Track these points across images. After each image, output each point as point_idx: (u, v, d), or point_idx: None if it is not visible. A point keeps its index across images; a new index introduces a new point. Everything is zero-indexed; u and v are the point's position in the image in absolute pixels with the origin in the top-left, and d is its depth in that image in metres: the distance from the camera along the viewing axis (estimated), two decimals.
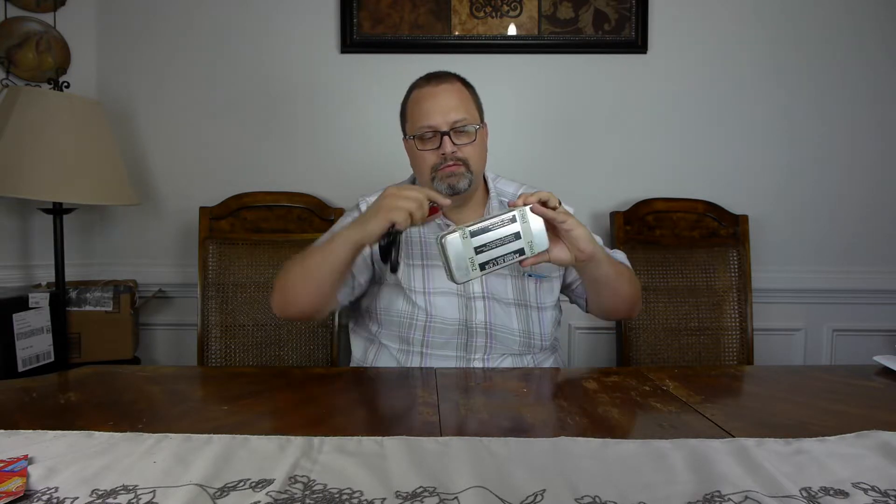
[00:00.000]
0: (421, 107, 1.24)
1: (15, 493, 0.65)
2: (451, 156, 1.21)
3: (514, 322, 1.29)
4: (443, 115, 1.22)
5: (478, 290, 1.28)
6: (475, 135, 1.24)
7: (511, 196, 1.35)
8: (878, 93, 2.03)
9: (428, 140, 1.24)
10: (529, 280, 1.31)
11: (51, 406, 0.94)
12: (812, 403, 0.99)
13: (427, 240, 1.31)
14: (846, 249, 2.07)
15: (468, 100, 1.27)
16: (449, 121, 1.22)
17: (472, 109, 1.26)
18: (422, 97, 1.25)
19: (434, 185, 1.24)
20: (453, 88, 1.25)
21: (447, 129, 1.22)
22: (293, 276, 1.20)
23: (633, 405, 0.97)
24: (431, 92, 1.24)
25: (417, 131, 1.24)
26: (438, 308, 1.27)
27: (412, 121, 1.27)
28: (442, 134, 1.22)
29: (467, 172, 1.23)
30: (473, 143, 1.24)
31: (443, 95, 1.23)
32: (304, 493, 0.66)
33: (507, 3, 2.00)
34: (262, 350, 1.85)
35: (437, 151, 1.22)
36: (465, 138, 1.23)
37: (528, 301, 1.31)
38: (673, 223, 1.97)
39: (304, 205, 1.95)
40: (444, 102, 1.23)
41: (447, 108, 1.22)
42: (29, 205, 1.92)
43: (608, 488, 0.67)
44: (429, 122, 1.22)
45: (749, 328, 1.89)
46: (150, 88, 2.03)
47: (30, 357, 1.74)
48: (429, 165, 1.24)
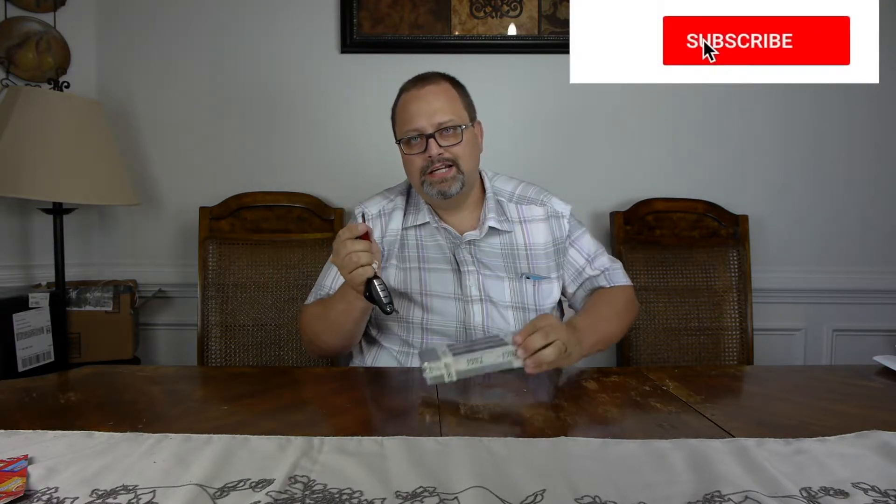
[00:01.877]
0: (406, 110, 1.23)
1: (15, 493, 0.65)
2: (438, 157, 1.21)
3: (512, 325, 1.28)
4: (427, 117, 1.21)
5: (475, 293, 1.27)
6: (461, 135, 1.23)
7: (508, 195, 1.34)
8: (878, 92, 2.03)
9: (415, 144, 1.23)
10: (527, 282, 1.30)
11: (51, 406, 0.94)
12: (812, 403, 0.99)
13: (423, 242, 1.30)
14: (846, 249, 2.07)
15: (455, 99, 1.25)
16: (434, 122, 1.20)
17: (458, 109, 1.24)
18: (408, 100, 1.24)
19: (424, 190, 1.24)
20: (438, 89, 1.23)
21: (432, 131, 1.20)
22: (320, 329, 1.24)
23: (633, 405, 0.97)
24: (415, 95, 1.23)
25: (404, 135, 1.23)
26: (436, 311, 1.27)
27: (399, 125, 1.26)
28: (427, 136, 1.21)
29: (458, 174, 1.22)
30: (461, 143, 1.23)
31: (427, 97, 1.22)
32: (304, 493, 0.66)
33: (507, 3, 2.00)
34: (262, 350, 1.85)
35: (424, 155, 1.21)
36: (451, 139, 1.22)
37: (525, 303, 1.30)
38: (673, 223, 1.97)
39: (304, 205, 1.95)
40: (429, 104, 1.21)
41: (432, 110, 1.21)
42: (29, 205, 1.92)
43: (608, 488, 0.67)
44: (413, 126, 1.21)
45: (749, 328, 1.89)
46: (150, 88, 2.03)
47: (30, 357, 1.74)
48: (417, 169, 1.23)
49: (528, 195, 1.35)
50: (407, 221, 1.31)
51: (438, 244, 1.29)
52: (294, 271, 1.89)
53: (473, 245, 1.28)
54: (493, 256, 1.29)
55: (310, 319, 1.27)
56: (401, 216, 1.31)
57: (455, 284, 1.27)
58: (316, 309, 1.27)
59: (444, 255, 1.28)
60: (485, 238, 1.28)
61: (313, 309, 1.27)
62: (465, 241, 1.27)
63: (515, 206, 1.33)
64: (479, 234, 1.27)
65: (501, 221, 1.29)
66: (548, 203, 1.34)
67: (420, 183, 1.24)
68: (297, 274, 1.88)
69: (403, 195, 1.35)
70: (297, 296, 1.86)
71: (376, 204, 1.34)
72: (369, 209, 1.32)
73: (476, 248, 1.28)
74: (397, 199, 1.34)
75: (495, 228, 1.28)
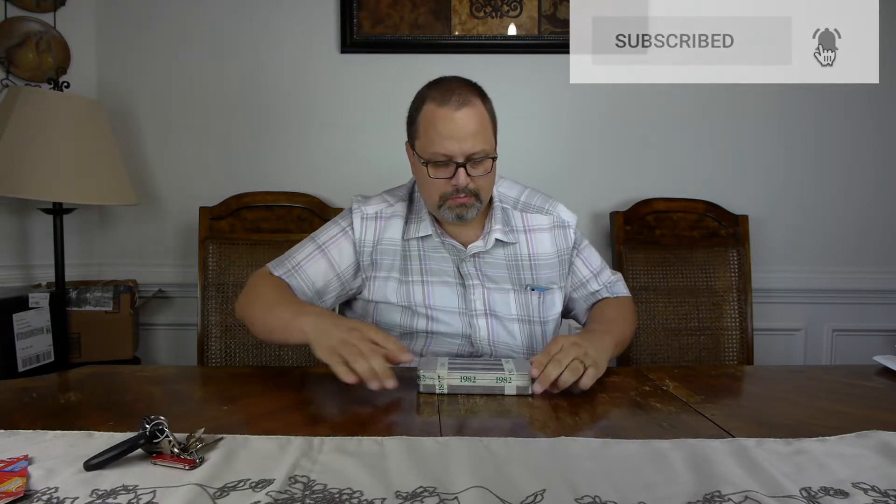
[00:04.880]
0: (437, 129, 1.13)
1: (15, 494, 0.65)
2: (464, 188, 1.15)
3: (518, 338, 1.27)
4: (459, 143, 1.12)
5: (480, 307, 1.25)
6: (491, 166, 1.17)
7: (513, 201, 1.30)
8: (878, 92, 2.03)
9: (441, 167, 1.15)
10: (532, 294, 1.27)
11: (51, 406, 0.94)
12: (812, 403, 0.99)
13: (426, 255, 1.26)
14: (846, 249, 2.07)
15: (487, 124, 1.17)
16: (465, 151, 1.13)
17: (489, 136, 1.17)
18: (439, 117, 1.13)
19: (440, 213, 1.19)
20: (474, 112, 1.14)
21: (463, 160, 1.13)
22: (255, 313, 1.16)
23: (633, 405, 0.97)
24: (449, 115, 1.12)
25: (431, 157, 1.15)
26: (441, 324, 1.24)
27: (424, 141, 1.16)
28: (457, 165, 1.14)
29: (476, 202, 1.18)
30: (488, 175, 1.17)
31: (463, 121, 1.12)
32: (304, 493, 0.66)
33: (507, 3, 2.00)
34: (262, 350, 1.85)
35: (450, 181, 1.15)
36: (480, 169, 1.15)
37: (531, 316, 1.28)
38: (673, 223, 1.97)
39: (304, 205, 1.95)
40: (463, 129, 1.12)
41: (465, 136, 1.12)
42: (29, 205, 1.92)
43: (608, 488, 0.67)
44: (444, 150, 1.13)
45: (749, 328, 1.89)
46: (150, 88, 2.03)
47: (30, 357, 1.73)
48: (438, 193, 1.17)
49: (533, 203, 1.31)
50: (409, 232, 1.25)
51: (442, 256, 1.25)
52: None
53: (478, 258, 1.25)
54: (497, 268, 1.26)
55: (254, 298, 1.18)
56: (400, 225, 1.26)
57: (460, 298, 1.25)
58: (267, 294, 1.17)
59: (448, 269, 1.25)
60: (490, 250, 1.25)
61: (265, 290, 1.18)
62: (470, 254, 1.24)
63: (521, 215, 1.29)
64: (484, 247, 1.24)
65: (507, 233, 1.26)
66: (553, 212, 1.30)
67: (438, 206, 1.19)
68: None
69: (405, 201, 1.29)
70: None
71: (374, 205, 1.28)
72: (366, 209, 1.27)
73: (480, 261, 1.25)
74: (398, 205, 1.28)
75: (500, 240, 1.25)
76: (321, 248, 1.25)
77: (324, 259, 1.24)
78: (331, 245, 1.25)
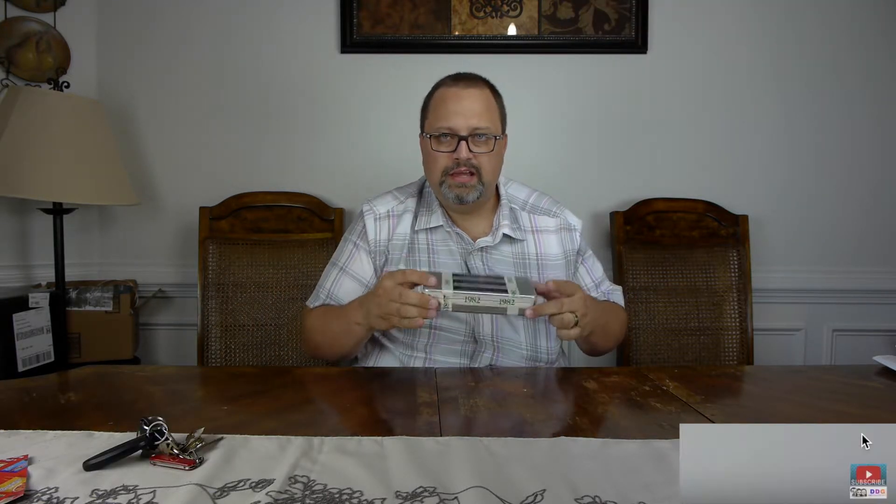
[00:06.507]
0: (445, 106, 1.21)
1: (15, 494, 0.65)
2: (465, 162, 1.19)
3: (522, 335, 1.28)
4: (465, 118, 1.19)
5: None
6: (493, 145, 1.22)
7: (521, 203, 1.34)
8: (878, 92, 2.03)
9: (444, 142, 1.21)
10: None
11: (51, 406, 0.94)
12: (812, 403, 0.99)
13: (434, 247, 1.28)
14: (846, 249, 2.07)
15: (493, 108, 1.24)
16: (470, 126, 1.19)
17: (495, 119, 1.24)
18: (447, 97, 1.22)
19: (442, 192, 1.23)
20: (481, 94, 1.22)
21: (466, 133, 1.19)
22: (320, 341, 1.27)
23: (633, 405, 0.97)
24: (456, 93, 1.21)
25: (435, 131, 1.22)
26: (445, 319, 1.24)
27: (432, 118, 1.24)
28: (460, 138, 1.19)
29: (478, 184, 1.21)
30: (490, 154, 1.21)
31: (469, 99, 1.20)
32: (304, 493, 0.66)
33: (507, 3, 2.00)
34: (262, 350, 1.85)
35: (452, 155, 1.20)
36: (483, 147, 1.21)
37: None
38: (673, 223, 1.97)
39: (304, 205, 1.95)
40: (469, 106, 1.20)
41: (470, 113, 1.19)
42: (29, 205, 1.92)
43: (608, 488, 0.67)
44: (449, 124, 1.20)
45: (749, 328, 1.89)
46: (150, 88, 2.03)
47: (30, 357, 1.73)
48: (440, 167, 1.22)
49: (541, 205, 1.34)
50: (419, 224, 1.29)
51: (450, 250, 1.28)
52: (294, 271, 1.89)
53: (485, 252, 1.27)
54: (504, 265, 1.28)
55: (311, 331, 1.28)
56: (410, 219, 1.30)
57: None
58: (317, 322, 1.27)
59: (455, 262, 1.27)
60: (497, 245, 1.27)
61: (315, 321, 1.28)
62: (478, 247, 1.26)
63: (528, 216, 1.32)
64: (492, 241, 1.26)
65: (515, 230, 1.28)
66: (560, 215, 1.34)
67: (439, 182, 1.23)
68: (297, 274, 1.88)
69: (415, 197, 1.33)
70: (297, 296, 1.86)
71: (385, 203, 1.32)
72: (378, 208, 1.30)
73: (488, 256, 1.27)
74: (408, 200, 1.32)
75: (508, 236, 1.28)
76: (342, 270, 1.31)
77: (348, 278, 1.31)
78: (350, 263, 1.32)
